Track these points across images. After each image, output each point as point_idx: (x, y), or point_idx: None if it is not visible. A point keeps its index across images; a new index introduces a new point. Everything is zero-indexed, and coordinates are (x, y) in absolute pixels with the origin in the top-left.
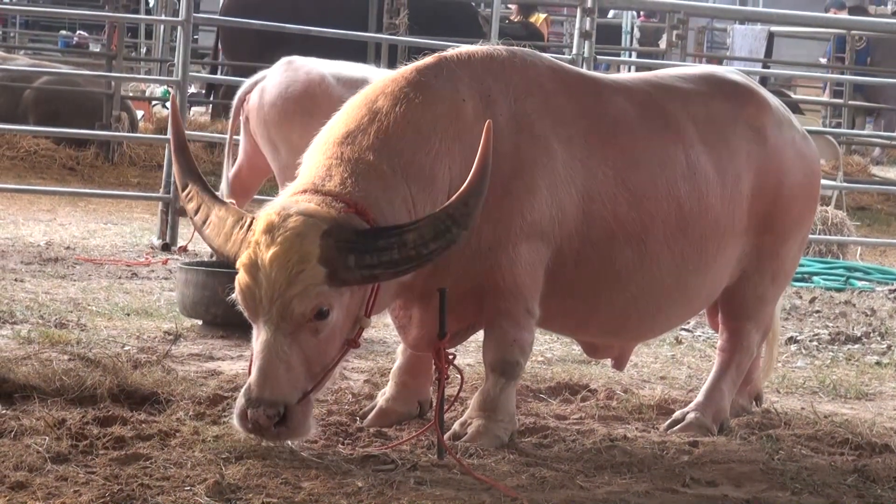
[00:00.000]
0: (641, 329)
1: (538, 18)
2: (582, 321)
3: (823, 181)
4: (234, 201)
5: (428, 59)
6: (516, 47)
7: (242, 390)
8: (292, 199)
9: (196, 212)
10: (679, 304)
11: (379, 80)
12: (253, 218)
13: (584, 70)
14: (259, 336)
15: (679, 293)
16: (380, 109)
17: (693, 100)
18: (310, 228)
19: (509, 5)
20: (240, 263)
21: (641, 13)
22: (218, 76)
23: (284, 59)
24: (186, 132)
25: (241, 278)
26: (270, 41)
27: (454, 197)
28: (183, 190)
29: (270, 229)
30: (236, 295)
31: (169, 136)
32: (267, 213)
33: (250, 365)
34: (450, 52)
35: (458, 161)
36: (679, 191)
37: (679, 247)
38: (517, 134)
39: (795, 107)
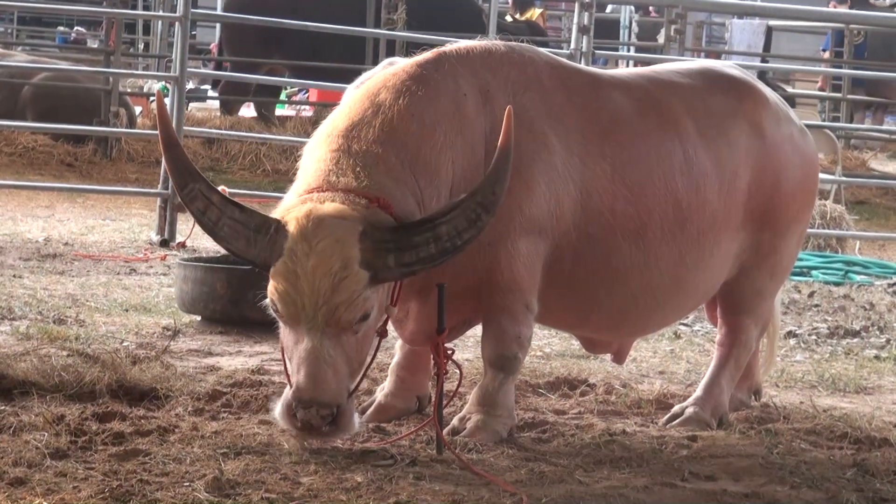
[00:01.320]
0: (639, 324)
1: (534, 13)
2: (580, 316)
3: (822, 175)
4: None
5: (427, 54)
6: (514, 42)
7: (288, 393)
8: (312, 197)
9: (203, 213)
10: (677, 299)
11: (378, 74)
12: (278, 222)
13: (581, 65)
14: (301, 340)
15: (677, 288)
16: (383, 102)
17: (690, 94)
18: (347, 232)
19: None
20: (275, 272)
21: (651, 9)
22: (218, 72)
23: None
24: (186, 128)
25: (280, 287)
26: (270, 37)
27: (479, 184)
28: (182, 189)
29: (306, 236)
30: (271, 301)
31: (159, 135)
32: (295, 216)
33: (285, 364)
34: (449, 47)
35: (461, 155)
36: (677, 186)
37: (677, 242)
38: (516, 129)
39: (791, 100)
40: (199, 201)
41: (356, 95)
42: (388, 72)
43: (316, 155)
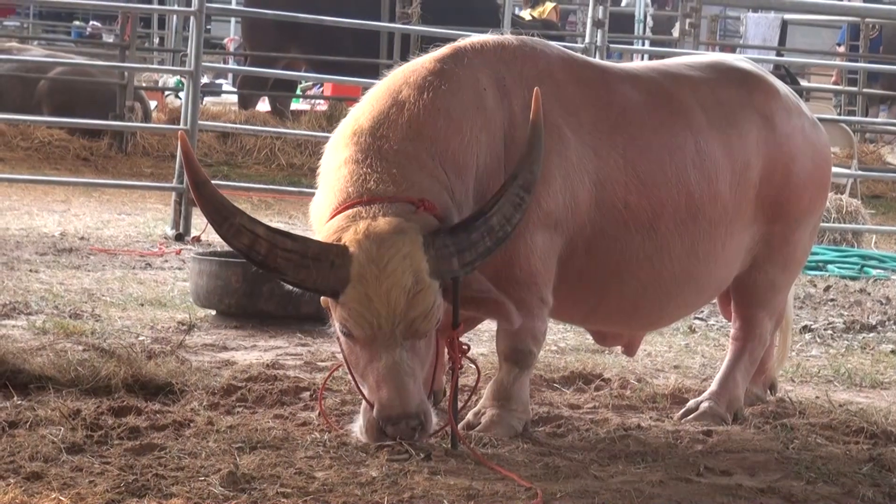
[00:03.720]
0: (651, 317)
1: (546, 7)
2: (591, 310)
3: (838, 169)
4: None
5: (444, 49)
6: (525, 36)
7: (374, 410)
8: (360, 213)
9: (250, 248)
10: (689, 292)
11: (395, 72)
12: (338, 248)
13: (592, 58)
14: (376, 357)
15: (689, 281)
16: (407, 99)
17: (701, 87)
18: (411, 246)
19: None
20: (346, 299)
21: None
22: (232, 66)
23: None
24: (200, 122)
25: (355, 312)
26: (288, 31)
27: (517, 167)
28: (221, 226)
29: (372, 258)
30: (342, 326)
31: (186, 176)
32: (355, 239)
33: (355, 381)
34: (464, 42)
35: (485, 148)
36: (689, 178)
37: (689, 234)
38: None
39: (802, 93)
40: (243, 236)
41: (376, 93)
42: (406, 69)
43: (344, 156)
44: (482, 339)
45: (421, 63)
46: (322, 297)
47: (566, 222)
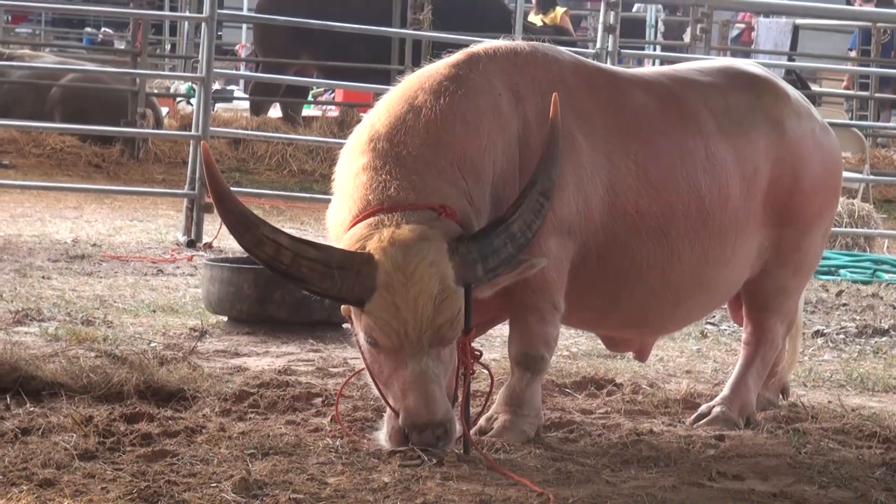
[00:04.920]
0: (662, 322)
1: (557, 13)
2: (602, 315)
3: (850, 174)
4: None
5: (458, 55)
6: (536, 42)
7: (400, 418)
8: (383, 221)
9: (274, 258)
10: (699, 297)
11: (410, 78)
12: (363, 256)
13: (602, 64)
14: (402, 365)
15: (699, 286)
16: (423, 104)
17: (711, 92)
18: (437, 253)
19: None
20: (373, 307)
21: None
22: (244, 72)
23: None
24: (212, 128)
25: (381, 321)
26: (299, 36)
27: (535, 173)
28: (243, 237)
29: (399, 266)
30: (367, 335)
31: (209, 188)
32: (380, 247)
33: (379, 389)
34: (477, 47)
35: (501, 153)
36: (699, 183)
37: (700, 239)
38: (545, 128)
39: (812, 98)
40: (266, 247)
41: (391, 99)
42: (420, 74)
43: (361, 162)
44: (494, 345)
45: (436, 69)
46: (342, 305)
47: (579, 228)
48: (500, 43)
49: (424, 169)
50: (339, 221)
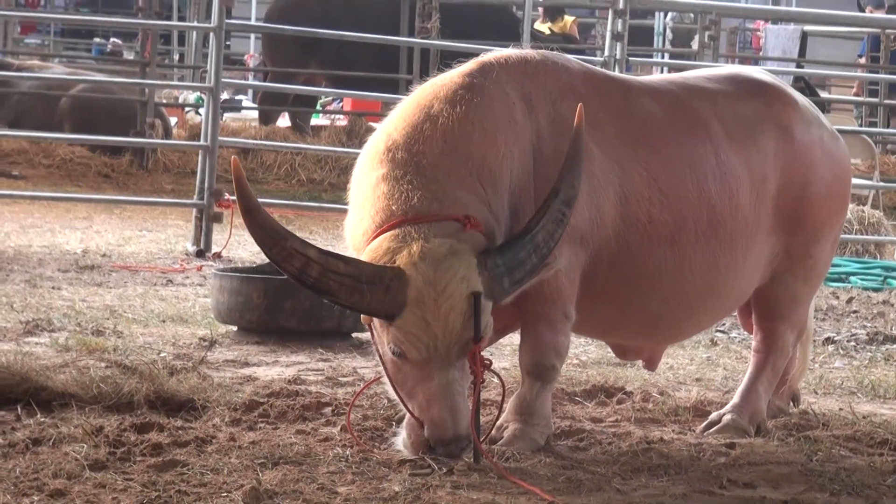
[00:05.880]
0: (672, 331)
1: (566, 22)
2: (613, 324)
3: (860, 181)
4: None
5: (470, 64)
6: (546, 51)
7: (425, 429)
8: (410, 233)
9: (302, 271)
10: (710, 305)
11: (424, 87)
12: (393, 270)
13: (611, 72)
14: (428, 377)
15: (710, 294)
16: (439, 113)
17: (720, 99)
18: (467, 268)
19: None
20: (403, 322)
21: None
22: (253, 82)
23: None
24: (221, 138)
25: (410, 335)
26: (308, 46)
27: (558, 182)
28: (271, 250)
29: (430, 281)
30: (396, 348)
31: (237, 201)
32: (410, 262)
33: (401, 399)
34: (489, 56)
35: (517, 161)
36: (710, 190)
37: (710, 246)
38: (557, 136)
39: (822, 105)
40: (295, 259)
41: (406, 108)
42: (433, 84)
43: (380, 173)
44: (504, 354)
45: (449, 78)
46: (363, 315)
47: (591, 237)
48: (511, 52)
49: (444, 178)
50: (360, 232)
